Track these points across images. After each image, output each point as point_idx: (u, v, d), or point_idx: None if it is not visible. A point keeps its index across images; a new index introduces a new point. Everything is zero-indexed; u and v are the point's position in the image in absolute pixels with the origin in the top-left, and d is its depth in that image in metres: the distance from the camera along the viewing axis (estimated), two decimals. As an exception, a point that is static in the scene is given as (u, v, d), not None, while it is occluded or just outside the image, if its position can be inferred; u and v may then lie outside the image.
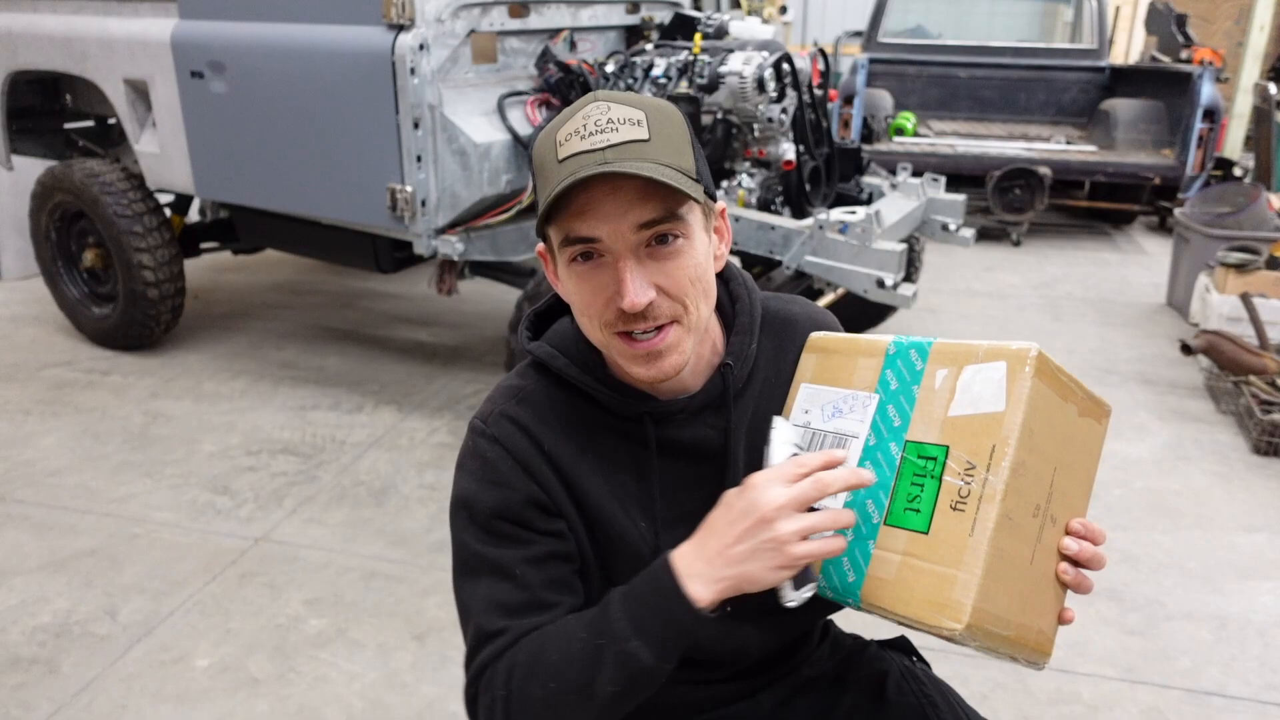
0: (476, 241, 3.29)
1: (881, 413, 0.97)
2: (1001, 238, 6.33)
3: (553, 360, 1.05)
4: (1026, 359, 0.89)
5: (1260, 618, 2.43)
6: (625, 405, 1.03)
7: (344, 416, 3.55)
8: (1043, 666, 0.94)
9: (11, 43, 3.97)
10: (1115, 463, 3.20)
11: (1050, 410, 0.90)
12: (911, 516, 0.89)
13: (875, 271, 2.98)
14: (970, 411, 0.90)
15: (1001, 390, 0.89)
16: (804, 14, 11.29)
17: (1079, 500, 0.95)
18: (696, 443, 1.05)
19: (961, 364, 0.93)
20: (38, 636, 2.33)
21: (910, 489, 0.90)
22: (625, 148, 0.90)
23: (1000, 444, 0.86)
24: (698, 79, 3.30)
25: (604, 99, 0.94)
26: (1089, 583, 0.93)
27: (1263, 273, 4.11)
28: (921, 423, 0.93)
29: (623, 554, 1.05)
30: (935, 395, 0.93)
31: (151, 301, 3.92)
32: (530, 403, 1.05)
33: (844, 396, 1.01)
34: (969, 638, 0.84)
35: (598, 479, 1.04)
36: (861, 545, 0.92)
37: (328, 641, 2.31)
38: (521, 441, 1.03)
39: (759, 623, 1.09)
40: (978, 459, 0.87)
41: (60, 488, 3.03)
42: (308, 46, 3.14)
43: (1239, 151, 8.42)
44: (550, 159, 0.93)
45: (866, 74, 6.53)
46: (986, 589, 0.84)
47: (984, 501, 0.85)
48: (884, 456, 0.94)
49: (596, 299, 0.95)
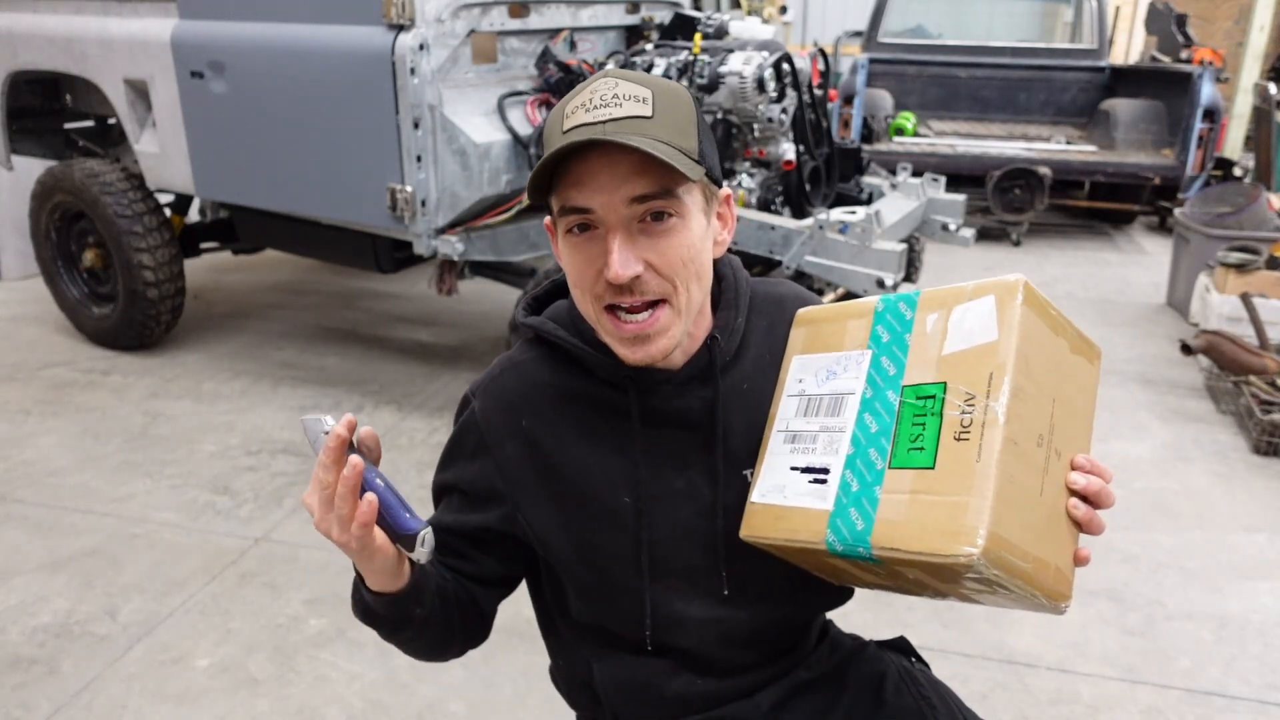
0: (476, 241, 3.29)
1: (875, 365, 0.96)
2: (1001, 238, 6.33)
3: (542, 326, 1.06)
4: (1016, 289, 0.90)
5: (1260, 618, 2.43)
6: (612, 369, 1.03)
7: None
8: (1064, 610, 0.90)
9: (11, 43, 3.97)
10: (1115, 463, 3.20)
11: (1042, 340, 0.91)
12: (916, 455, 0.88)
13: (875, 271, 2.98)
14: (964, 346, 0.90)
15: (993, 321, 0.89)
16: (804, 14, 11.29)
17: (1081, 437, 0.94)
18: (682, 414, 1.05)
19: (951, 305, 0.93)
20: (38, 636, 2.33)
21: (912, 430, 0.90)
22: (626, 123, 0.90)
23: (997, 370, 0.86)
24: (698, 79, 3.30)
25: (614, 75, 0.94)
26: (1100, 521, 0.91)
27: (1263, 273, 4.11)
28: (917, 367, 0.93)
29: (601, 526, 1.05)
30: (928, 339, 0.93)
31: (151, 301, 3.92)
32: (517, 373, 1.08)
33: (836, 359, 1.01)
34: (986, 565, 0.81)
35: (578, 452, 1.05)
36: (868, 492, 0.90)
37: (328, 641, 2.31)
38: (499, 417, 1.06)
39: (753, 609, 1.09)
40: (976, 389, 0.87)
41: (60, 488, 3.03)
42: (308, 46, 3.14)
43: (1239, 151, 8.42)
44: (556, 130, 0.94)
45: (866, 74, 6.53)
46: (999, 513, 0.82)
47: (987, 427, 0.84)
48: (882, 405, 0.94)
49: (588, 270, 0.96)
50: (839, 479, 0.93)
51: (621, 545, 1.05)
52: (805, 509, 0.94)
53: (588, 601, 1.09)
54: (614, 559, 1.05)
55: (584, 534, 1.05)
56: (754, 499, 1.01)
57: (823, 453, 0.96)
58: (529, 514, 1.06)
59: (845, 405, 0.97)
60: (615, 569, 1.06)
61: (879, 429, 0.92)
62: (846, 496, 0.92)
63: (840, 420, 0.97)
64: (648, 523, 1.04)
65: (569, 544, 1.06)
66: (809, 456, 0.97)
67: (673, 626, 1.07)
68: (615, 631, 1.10)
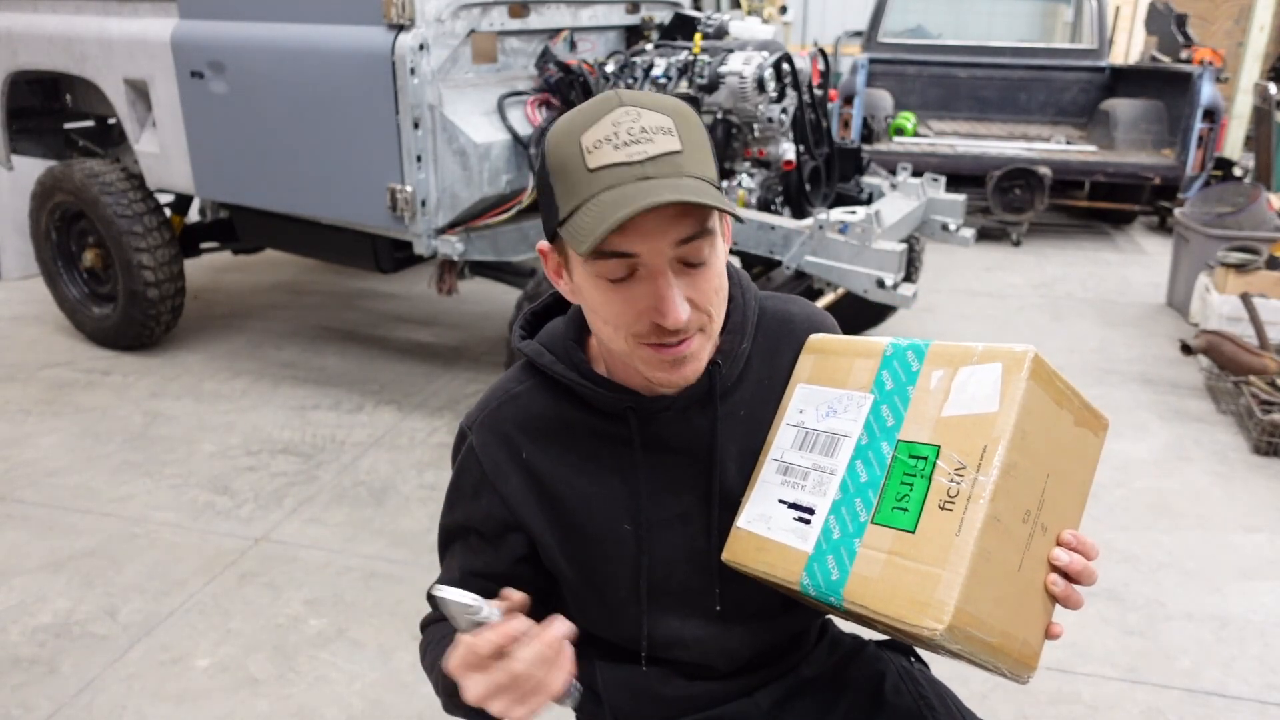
0: (476, 241, 3.29)
1: (875, 412, 0.97)
2: (1001, 238, 6.32)
3: (539, 356, 1.06)
4: (1023, 361, 0.88)
5: (1260, 618, 2.43)
6: (611, 401, 1.03)
7: (344, 416, 3.55)
8: (1026, 680, 0.91)
9: (11, 43, 3.97)
10: (1115, 463, 3.20)
11: (1045, 414, 0.90)
12: (899, 515, 0.89)
13: (875, 271, 2.98)
14: (963, 412, 0.89)
15: (996, 391, 0.88)
16: (804, 14, 11.28)
17: (1072, 511, 0.94)
18: (682, 441, 1.05)
19: (957, 365, 0.93)
20: (38, 636, 2.33)
21: (900, 488, 0.90)
22: (663, 161, 0.88)
23: (991, 444, 0.86)
24: (698, 79, 3.30)
25: (629, 102, 0.90)
26: (1078, 598, 0.90)
27: (1263, 273, 4.11)
28: (915, 422, 0.93)
29: (602, 557, 1.05)
30: (930, 395, 0.93)
31: (151, 301, 3.92)
32: (518, 404, 1.07)
33: (839, 396, 1.01)
34: (950, 639, 0.82)
35: (580, 482, 1.05)
36: (848, 544, 0.91)
37: (328, 641, 2.31)
38: (498, 452, 1.06)
39: (747, 625, 1.09)
40: (968, 459, 0.86)
41: (60, 488, 3.03)
42: (308, 46, 3.14)
43: (1239, 151, 8.42)
44: (577, 166, 0.89)
45: (866, 74, 6.52)
46: (970, 590, 0.82)
47: (972, 501, 0.84)
48: (875, 455, 0.94)
49: (628, 311, 0.92)
50: (822, 522, 0.95)
51: (621, 570, 1.06)
52: (786, 546, 0.96)
53: (588, 619, 1.10)
54: (613, 583, 1.06)
55: (586, 560, 1.06)
56: (740, 524, 1.02)
57: (811, 492, 0.98)
58: (537, 540, 1.07)
59: (840, 447, 0.98)
60: (614, 592, 1.07)
61: (868, 479, 0.93)
62: (827, 543, 0.93)
63: (833, 462, 0.97)
64: (648, 549, 1.05)
65: (571, 569, 1.07)
66: (798, 493, 0.99)
67: (671, 645, 1.09)
68: (614, 643, 1.11)
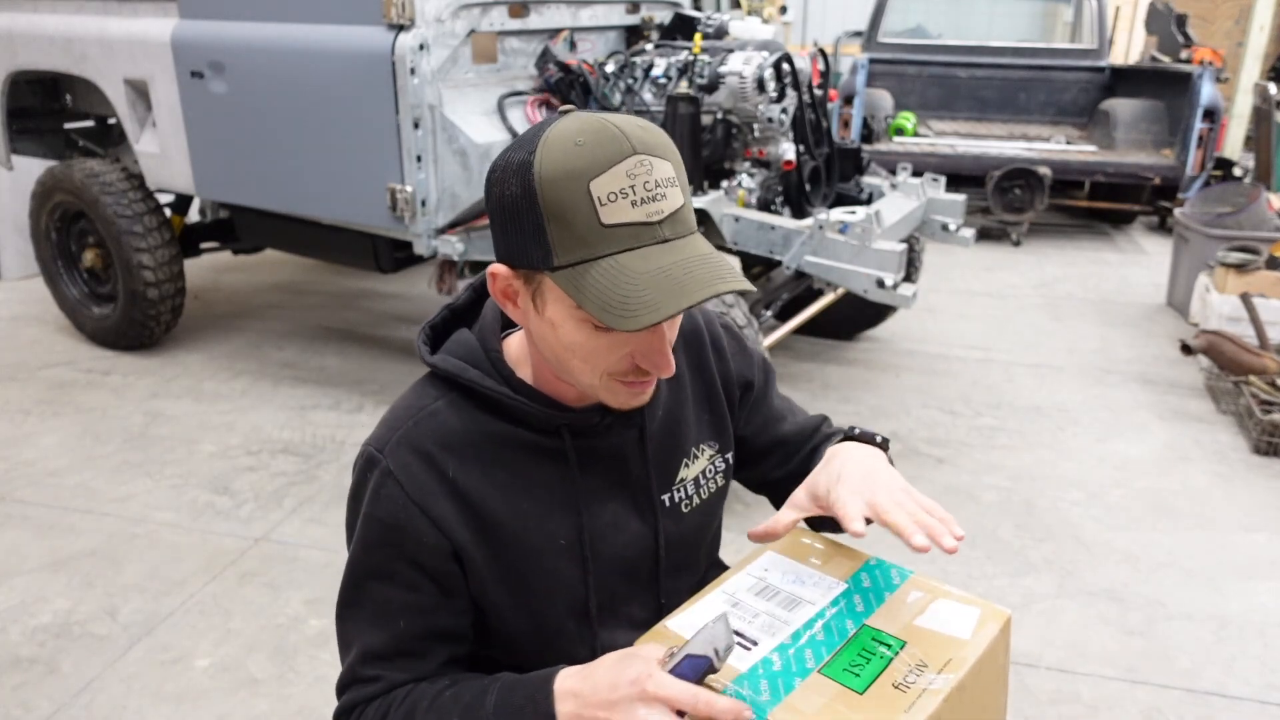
0: (476, 241, 3.29)
1: (847, 597, 0.97)
2: (1001, 238, 6.32)
3: (463, 373, 0.99)
4: (1002, 618, 0.94)
5: (1260, 618, 2.43)
6: (545, 418, 1.00)
7: (344, 416, 3.55)
8: None
9: (11, 43, 3.97)
10: (1115, 463, 3.20)
11: (996, 663, 0.94)
12: (849, 677, 0.86)
13: (875, 271, 2.98)
14: (935, 628, 0.93)
15: (970, 625, 0.93)
16: (804, 14, 11.29)
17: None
18: (613, 451, 1.05)
19: (937, 595, 0.97)
20: (38, 636, 2.33)
21: (856, 658, 0.88)
22: (676, 218, 0.88)
23: (957, 660, 0.88)
24: (698, 79, 3.30)
25: (641, 150, 0.85)
26: None
27: (1263, 273, 4.11)
28: (885, 617, 0.94)
29: (537, 572, 1.01)
30: (905, 605, 0.96)
31: (151, 301, 3.92)
32: (434, 422, 0.99)
33: (810, 573, 1.01)
34: None
35: (509, 498, 1.00)
36: (787, 678, 0.86)
37: (328, 641, 2.31)
38: (420, 475, 0.97)
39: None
40: (931, 662, 0.88)
41: (60, 488, 3.03)
42: (308, 46, 3.14)
43: (1239, 151, 8.42)
44: (587, 217, 0.84)
45: (866, 74, 6.53)
46: None
47: (927, 694, 0.84)
48: (836, 626, 0.92)
49: (612, 355, 0.92)
50: (764, 654, 0.89)
51: (558, 588, 1.03)
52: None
53: (514, 648, 1.06)
54: (549, 602, 1.03)
55: (519, 581, 1.01)
56: (668, 623, 0.96)
57: (759, 629, 0.92)
58: (466, 565, 1.00)
59: (800, 609, 0.95)
60: (551, 612, 1.04)
61: (824, 639, 0.91)
62: (764, 669, 0.87)
63: (789, 615, 0.94)
64: (594, 567, 1.04)
65: (499, 592, 1.01)
66: (743, 624, 0.93)
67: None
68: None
